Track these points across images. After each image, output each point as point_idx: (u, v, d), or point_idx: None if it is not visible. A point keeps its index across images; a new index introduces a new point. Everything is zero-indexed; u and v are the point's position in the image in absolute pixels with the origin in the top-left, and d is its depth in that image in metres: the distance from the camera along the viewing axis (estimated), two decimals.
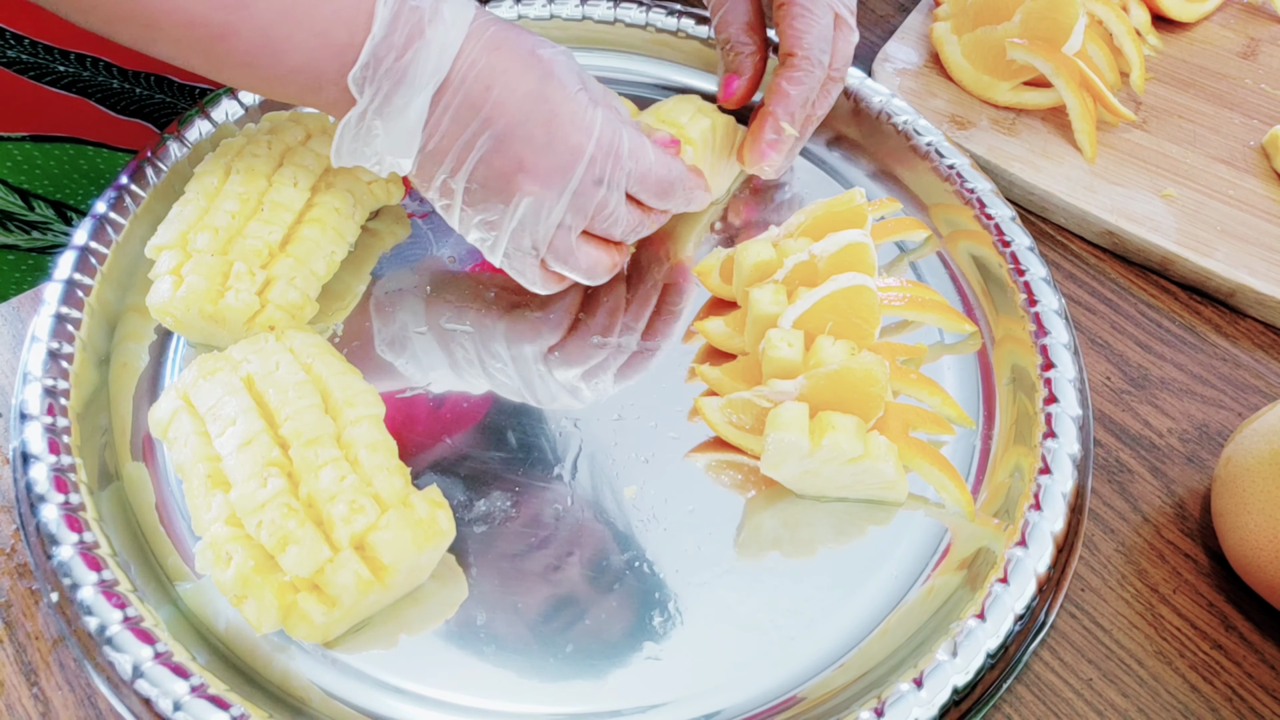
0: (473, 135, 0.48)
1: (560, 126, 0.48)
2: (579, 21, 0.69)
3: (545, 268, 0.53)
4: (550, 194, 0.49)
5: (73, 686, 0.46)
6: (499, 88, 0.47)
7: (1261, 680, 0.48)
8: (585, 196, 0.50)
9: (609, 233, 0.52)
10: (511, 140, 0.48)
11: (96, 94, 0.70)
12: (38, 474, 0.46)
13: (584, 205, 0.50)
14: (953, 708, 0.43)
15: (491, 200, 0.49)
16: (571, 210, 0.50)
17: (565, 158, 0.48)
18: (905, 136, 0.63)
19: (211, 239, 0.52)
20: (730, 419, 0.51)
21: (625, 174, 0.50)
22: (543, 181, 0.49)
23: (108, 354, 0.54)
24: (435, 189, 0.50)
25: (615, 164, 0.50)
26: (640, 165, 0.51)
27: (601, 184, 0.50)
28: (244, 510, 0.43)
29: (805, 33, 0.55)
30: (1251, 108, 0.71)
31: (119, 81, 0.70)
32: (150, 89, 0.71)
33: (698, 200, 0.56)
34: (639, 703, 0.45)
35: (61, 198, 0.73)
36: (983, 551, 0.48)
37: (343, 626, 0.45)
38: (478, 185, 0.49)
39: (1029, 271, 0.56)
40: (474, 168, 0.49)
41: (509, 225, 0.50)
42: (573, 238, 0.51)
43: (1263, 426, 0.49)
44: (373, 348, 0.56)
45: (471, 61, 0.47)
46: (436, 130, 0.48)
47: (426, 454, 0.52)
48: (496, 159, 0.48)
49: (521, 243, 0.51)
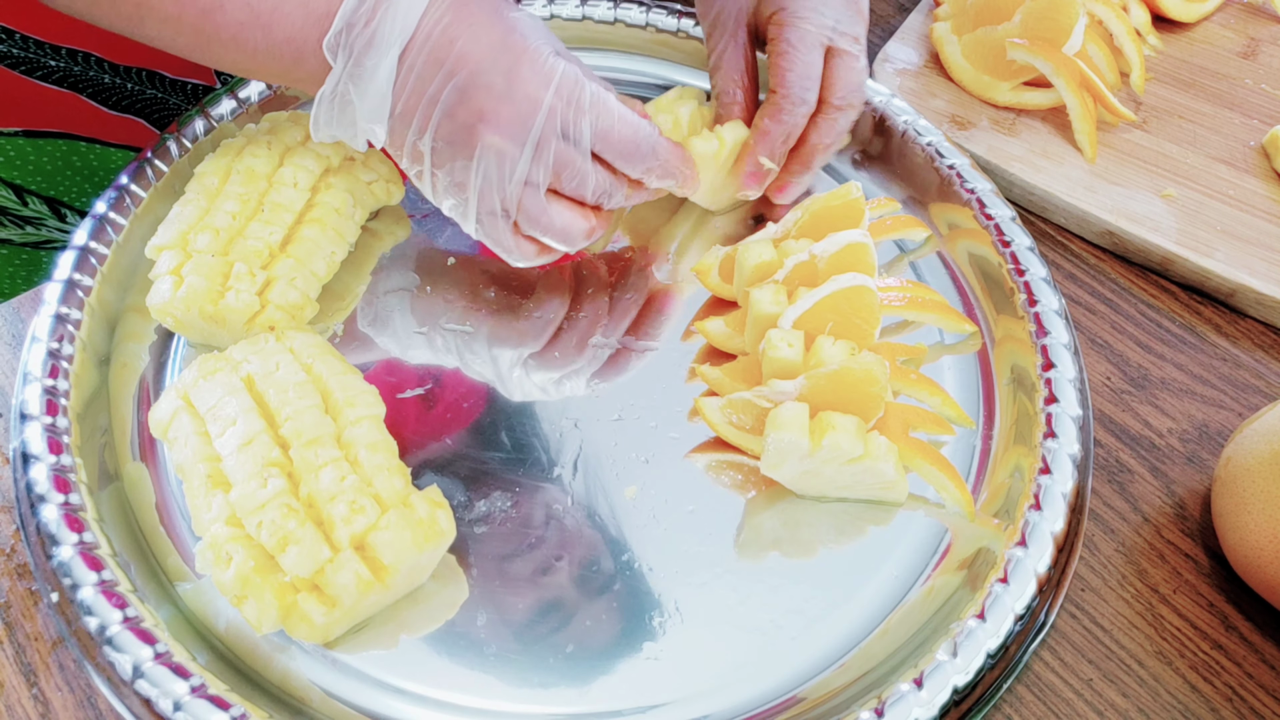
0: (436, 89, 0.48)
1: (520, 74, 0.48)
2: (579, 21, 0.69)
3: (519, 232, 0.52)
4: (511, 145, 0.48)
5: (72, 687, 0.46)
6: (462, 40, 0.47)
7: (1261, 680, 0.48)
8: (547, 148, 0.49)
9: (579, 193, 0.51)
10: (473, 89, 0.48)
11: (88, 89, 0.70)
12: (38, 474, 0.46)
13: (546, 157, 0.49)
14: (953, 708, 0.43)
15: (457, 156, 0.49)
16: (535, 163, 0.49)
17: (524, 106, 0.48)
18: (905, 137, 0.63)
19: (212, 239, 0.52)
20: (730, 419, 0.51)
21: (588, 126, 0.49)
22: (503, 130, 0.48)
23: (108, 354, 0.54)
24: (407, 154, 0.50)
25: (577, 114, 0.49)
26: (603, 120, 0.50)
27: (565, 137, 0.49)
28: (244, 510, 0.43)
29: (788, 70, 0.56)
30: (1252, 108, 0.71)
31: (110, 76, 0.70)
32: (141, 84, 0.71)
33: (680, 177, 0.54)
34: (639, 703, 0.45)
35: (55, 194, 0.73)
36: (983, 551, 0.48)
37: (343, 627, 0.45)
38: (443, 142, 0.49)
39: (1029, 271, 0.56)
40: (438, 123, 0.48)
41: (475, 183, 0.49)
42: (541, 195, 0.50)
43: (1263, 426, 0.49)
44: (373, 348, 0.56)
45: (436, 19, 0.47)
46: (404, 89, 0.48)
47: (426, 454, 0.52)
48: (459, 110, 0.48)
49: (491, 204, 0.50)
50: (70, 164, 0.73)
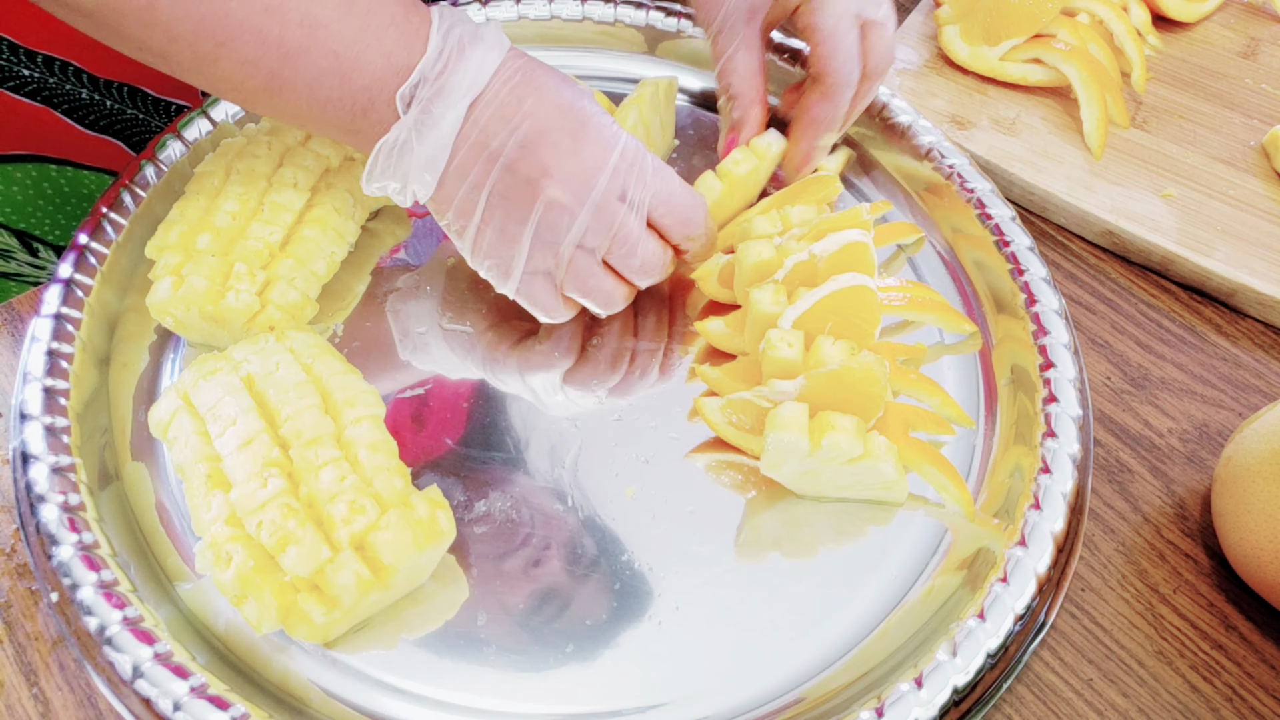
0: (500, 144, 0.48)
1: (586, 137, 0.49)
2: (579, 22, 0.69)
3: (560, 293, 0.52)
4: (573, 202, 0.49)
5: (72, 687, 0.46)
6: (530, 100, 0.48)
7: (1262, 680, 0.48)
8: (608, 211, 0.49)
9: (625, 262, 0.52)
10: (538, 146, 0.48)
11: (63, 104, 0.66)
12: (37, 474, 0.46)
13: (606, 221, 0.50)
14: (953, 708, 0.43)
15: (512, 211, 0.49)
16: (593, 226, 0.49)
17: (590, 164, 0.49)
18: (905, 136, 0.63)
19: (212, 239, 0.52)
20: (730, 419, 0.51)
21: (649, 193, 0.50)
22: (565, 187, 0.48)
23: (107, 354, 0.54)
24: (455, 208, 0.50)
25: (639, 179, 0.50)
26: (665, 186, 0.51)
27: (624, 200, 0.50)
28: (244, 510, 0.43)
29: (831, 57, 0.56)
30: (1252, 107, 0.71)
31: (89, 91, 0.67)
32: (122, 102, 0.68)
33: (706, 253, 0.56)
34: (639, 703, 0.45)
35: (26, 227, 0.70)
36: (983, 551, 0.48)
37: (343, 627, 0.45)
38: (499, 196, 0.49)
39: (1029, 271, 0.56)
40: (498, 176, 0.48)
41: (527, 238, 0.49)
42: (595, 259, 0.51)
43: (1263, 426, 0.49)
44: (372, 348, 0.56)
45: (507, 78, 0.48)
46: (466, 141, 0.48)
47: (426, 454, 0.52)
48: (521, 164, 0.48)
49: (541, 262, 0.50)
50: (41, 192, 0.69)
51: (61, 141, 0.68)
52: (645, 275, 0.53)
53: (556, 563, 0.49)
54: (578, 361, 0.55)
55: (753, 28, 0.59)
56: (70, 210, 0.71)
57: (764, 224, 0.56)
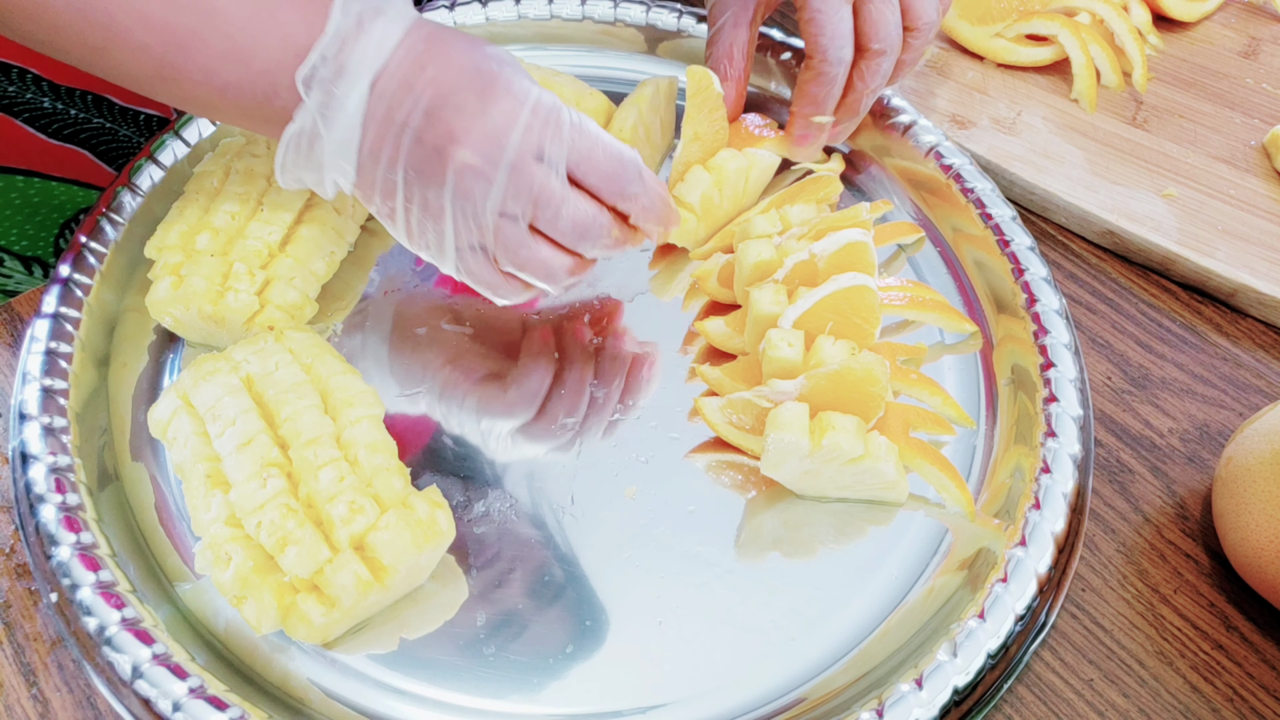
0: (406, 114, 0.45)
1: (495, 93, 0.45)
2: (579, 22, 0.69)
3: (500, 269, 0.49)
4: (485, 163, 0.45)
5: (72, 687, 0.46)
6: (434, 66, 0.45)
7: (1262, 680, 0.48)
8: (524, 172, 0.45)
9: (553, 225, 0.47)
10: (442, 110, 0.45)
11: (24, 113, 0.63)
12: (37, 474, 0.46)
13: (525, 184, 0.46)
14: (953, 708, 0.43)
15: (429, 184, 0.46)
16: (511, 190, 0.46)
17: (499, 121, 0.45)
18: (906, 136, 0.63)
19: (211, 239, 0.52)
20: (730, 419, 0.51)
21: (567, 149, 0.46)
22: (474, 147, 0.45)
23: (107, 354, 0.54)
24: (378, 192, 0.47)
25: (555, 135, 0.46)
26: (584, 141, 0.47)
27: (542, 159, 0.46)
28: (243, 510, 0.43)
29: (819, 35, 0.55)
30: (1252, 107, 0.71)
31: (51, 100, 0.64)
32: (87, 110, 0.66)
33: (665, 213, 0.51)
34: (639, 703, 0.45)
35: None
36: (983, 552, 0.48)
37: (342, 627, 0.45)
38: (414, 171, 0.46)
39: (1029, 271, 0.56)
40: (409, 149, 0.45)
41: (449, 210, 0.46)
42: (521, 226, 0.47)
43: (1264, 426, 0.49)
44: (372, 348, 0.56)
45: (409, 47, 0.45)
46: (374, 118, 0.45)
47: (426, 454, 0.52)
48: (428, 133, 0.45)
49: (468, 235, 0.47)
50: (9, 202, 0.66)
51: (26, 152, 0.66)
52: (582, 240, 0.48)
53: (556, 563, 0.49)
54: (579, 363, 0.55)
55: (745, 5, 0.59)
56: (40, 221, 0.69)
57: (764, 223, 0.56)
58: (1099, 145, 0.67)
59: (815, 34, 0.55)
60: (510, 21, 0.68)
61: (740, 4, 0.59)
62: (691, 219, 0.57)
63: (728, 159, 0.57)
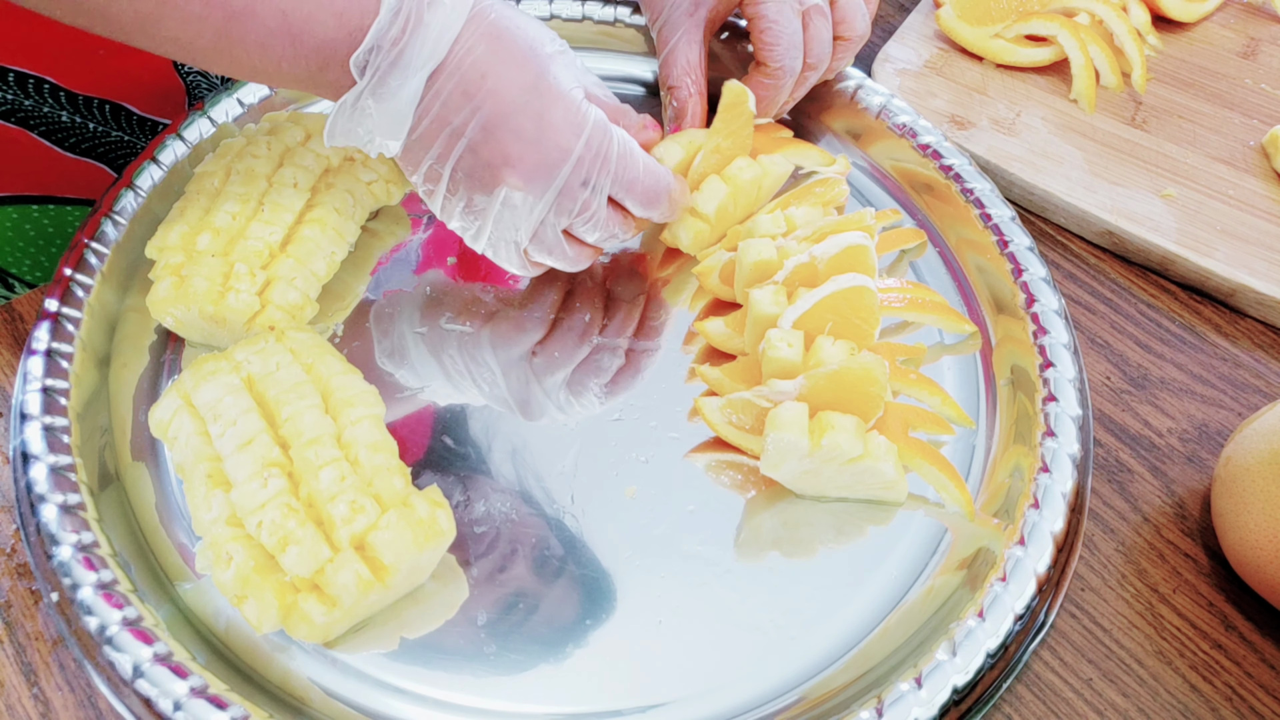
0: (462, 122, 0.48)
1: (551, 123, 0.48)
2: (579, 22, 0.69)
3: (527, 256, 0.53)
4: (534, 190, 0.49)
5: (73, 687, 0.46)
6: (494, 77, 0.47)
7: (1261, 680, 0.48)
8: (569, 197, 0.50)
9: (587, 236, 0.53)
10: (500, 131, 0.48)
11: (40, 127, 0.63)
12: (38, 474, 0.47)
13: (567, 206, 0.50)
14: (953, 707, 0.43)
15: (476, 189, 0.50)
16: (555, 210, 0.50)
17: (553, 155, 0.49)
18: (905, 136, 0.63)
19: (212, 239, 0.52)
20: (730, 419, 0.51)
21: (611, 178, 0.51)
22: (527, 177, 0.49)
23: (107, 354, 0.54)
24: (421, 173, 0.50)
25: (602, 168, 0.50)
26: (628, 172, 0.51)
27: (587, 186, 0.50)
28: (244, 510, 0.43)
29: (774, 45, 0.57)
30: (1251, 107, 0.71)
31: (69, 113, 0.64)
32: (105, 123, 0.66)
33: (678, 213, 0.56)
34: (639, 703, 0.45)
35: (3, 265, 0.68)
36: (983, 551, 0.48)
37: (343, 626, 0.45)
38: (463, 174, 0.49)
39: (1029, 271, 0.56)
40: (460, 155, 0.48)
41: (492, 215, 0.50)
42: (557, 231, 0.52)
43: (1263, 426, 0.49)
44: (372, 348, 0.56)
45: (469, 48, 0.47)
46: (428, 114, 0.48)
47: (426, 454, 0.52)
48: (484, 148, 0.48)
49: (504, 233, 0.51)
50: (23, 234, 0.67)
51: (41, 171, 0.66)
52: (607, 243, 0.54)
53: (556, 563, 0.49)
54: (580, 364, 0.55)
55: (695, 21, 0.60)
56: (54, 253, 0.69)
57: (768, 223, 0.56)
58: (1098, 146, 0.67)
59: (771, 44, 0.57)
60: None
61: (691, 22, 0.60)
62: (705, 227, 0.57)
63: (743, 169, 0.57)
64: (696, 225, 0.57)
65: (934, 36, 0.74)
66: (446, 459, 0.52)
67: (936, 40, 0.74)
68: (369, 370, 0.54)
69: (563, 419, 0.53)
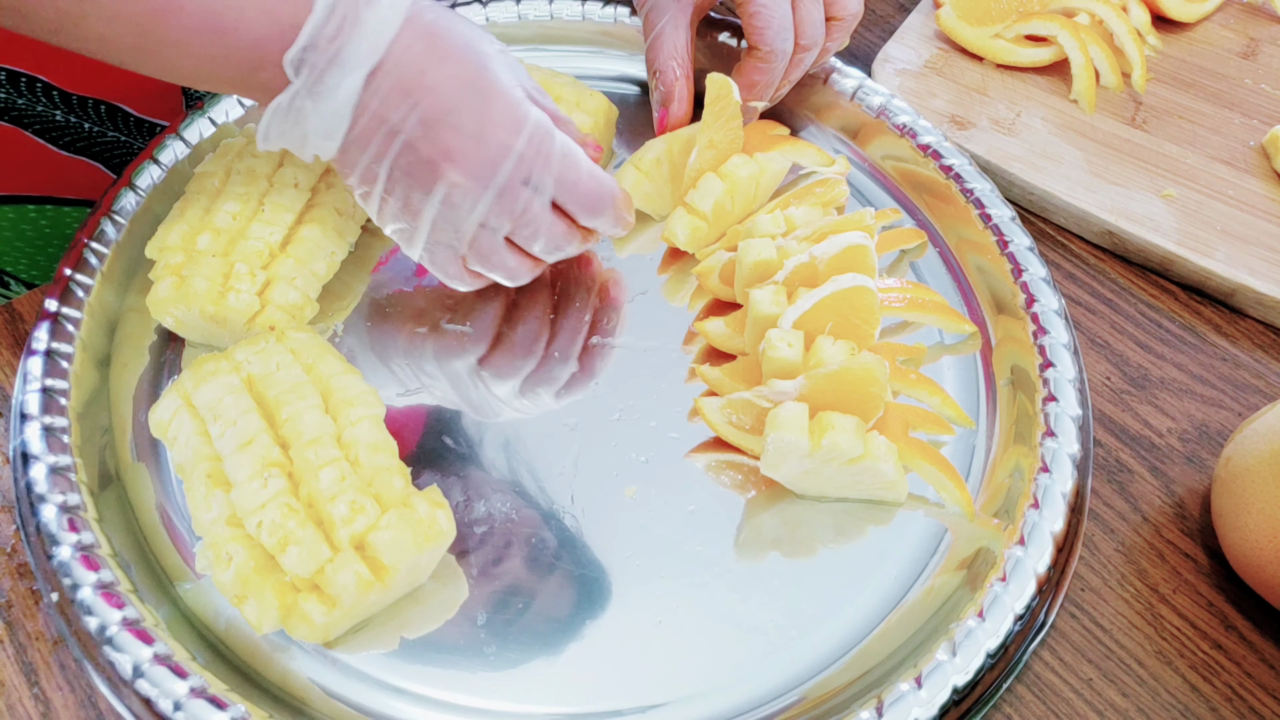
0: (400, 119, 0.46)
1: (492, 119, 0.47)
2: (579, 22, 0.69)
3: (465, 265, 0.52)
4: (475, 186, 0.48)
5: (73, 687, 0.46)
6: (433, 74, 0.46)
7: (1261, 680, 0.48)
8: (510, 196, 0.49)
9: (529, 243, 0.51)
10: (440, 127, 0.47)
11: (34, 125, 0.62)
12: (38, 474, 0.47)
13: (509, 205, 0.49)
14: (952, 707, 0.43)
15: (414, 187, 0.48)
16: (495, 210, 0.49)
17: (494, 151, 0.48)
18: (905, 136, 0.63)
19: (213, 239, 0.52)
20: (730, 419, 0.51)
21: (554, 179, 0.49)
22: (468, 172, 0.47)
23: (108, 354, 0.54)
24: (357, 174, 0.49)
25: (545, 166, 0.49)
26: (570, 173, 0.50)
27: (528, 185, 0.49)
28: (244, 510, 0.43)
29: (765, 28, 0.57)
30: (1251, 108, 0.71)
31: (63, 113, 0.63)
32: (101, 123, 0.65)
33: (624, 226, 0.54)
34: (639, 703, 0.45)
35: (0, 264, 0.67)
36: (982, 551, 0.48)
37: (343, 626, 0.45)
38: (400, 172, 0.48)
39: (1029, 271, 0.56)
40: (399, 152, 0.47)
41: (429, 214, 0.49)
42: (497, 237, 0.50)
43: (1263, 426, 0.49)
44: (372, 348, 0.56)
45: (406, 46, 0.46)
46: (365, 112, 0.46)
47: (426, 454, 0.52)
48: (423, 145, 0.47)
49: (443, 236, 0.50)
50: (20, 234, 0.66)
51: (37, 170, 0.65)
52: (551, 255, 0.53)
53: (556, 563, 0.49)
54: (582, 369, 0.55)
55: (681, 6, 0.60)
56: (52, 253, 0.68)
57: (768, 223, 0.56)
58: (1098, 146, 0.67)
59: (761, 28, 0.57)
60: (510, 22, 0.68)
61: (678, 7, 0.60)
62: (703, 224, 0.57)
63: (739, 165, 0.57)
64: (694, 222, 0.57)
65: (934, 36, 0.74)
66: (447, 459, 0.52)
67: (936, 40, 0.74)
68: (368, 370, 0.54)
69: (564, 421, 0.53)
